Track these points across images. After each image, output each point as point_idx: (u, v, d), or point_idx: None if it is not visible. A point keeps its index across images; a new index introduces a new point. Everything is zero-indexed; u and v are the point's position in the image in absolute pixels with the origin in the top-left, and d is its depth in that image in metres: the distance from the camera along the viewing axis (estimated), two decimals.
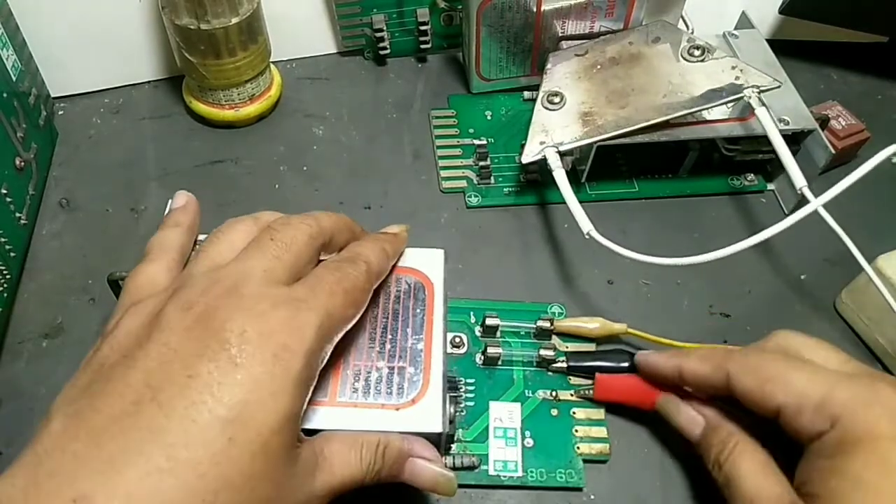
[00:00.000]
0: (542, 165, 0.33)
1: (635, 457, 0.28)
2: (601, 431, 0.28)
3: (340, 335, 0.22)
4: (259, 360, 0.19)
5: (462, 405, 0.28)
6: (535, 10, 0.36)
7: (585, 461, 0.27)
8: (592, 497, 0.27)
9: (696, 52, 0.34)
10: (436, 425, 0.23)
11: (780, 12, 0.40)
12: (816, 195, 0.29)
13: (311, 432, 0.23)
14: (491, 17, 0.36)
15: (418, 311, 0.26)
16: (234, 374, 0.18)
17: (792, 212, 0.35)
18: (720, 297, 0.32)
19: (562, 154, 0.32)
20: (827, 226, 0.29)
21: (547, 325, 0.29)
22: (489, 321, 0.30)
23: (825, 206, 0.29)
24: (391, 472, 0.22)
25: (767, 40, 0.38)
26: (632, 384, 0.28)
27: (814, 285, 0.33)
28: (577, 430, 0.28)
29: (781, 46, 0.38)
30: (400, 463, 0.22)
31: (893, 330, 0.29)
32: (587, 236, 0.30)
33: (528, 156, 0.32)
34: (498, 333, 0.30)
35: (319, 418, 0.23)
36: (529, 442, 0.27)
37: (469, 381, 0.29)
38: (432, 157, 0.37)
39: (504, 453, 0.27)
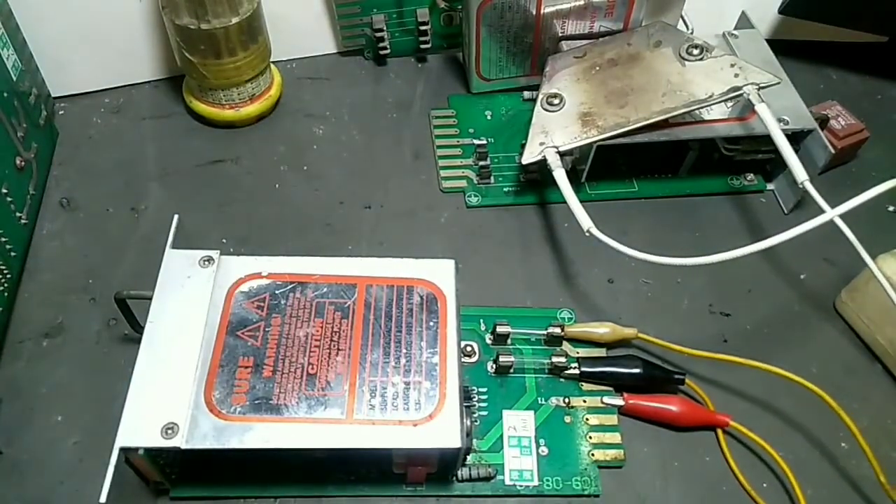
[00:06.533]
0: (541, 165, 0.33)
1: (649, 461, 0.28)
2: (615, 437, 0.27)
3: None
4: None
5: (476, 415, 0.28)
6: (534, 10, 0.36)
7: (600, 467, 0.27)
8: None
9: (695, 51, 0.34)
10: (454, 440, 0.23)
11: (780, 12, 0.40)
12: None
13: (331, 451, 0.23)
14: (491, 17, 0.36)
15: (431, 323, 0.25)
16: None
17: (791, 210, 0.35)
18: (720, 296, 0.32)
19: (561, 154, 0.32)
20: (827, 226, 0.29)
21: (558, 331, 0.29)
22: (500, 329, 0.29)
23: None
24: None
25: (767, 40, 0.38)
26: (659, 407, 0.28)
27: (814, 285, 0.33)
28: (590, 437, 0.27)
29: (781, 46, 0.38)
30: None
31: (893, 330, 0.29)
32: (587, 234, 0.30)
33: (529, 157, 0.32)
34: (509, 341, 0.30)
35: (337, 436, 0.23)
36: (544, 450, 0.27)
37: (482, 390, 0.28)
38: (432, 157, 0.37)
39: (520, 462, 0.27)
